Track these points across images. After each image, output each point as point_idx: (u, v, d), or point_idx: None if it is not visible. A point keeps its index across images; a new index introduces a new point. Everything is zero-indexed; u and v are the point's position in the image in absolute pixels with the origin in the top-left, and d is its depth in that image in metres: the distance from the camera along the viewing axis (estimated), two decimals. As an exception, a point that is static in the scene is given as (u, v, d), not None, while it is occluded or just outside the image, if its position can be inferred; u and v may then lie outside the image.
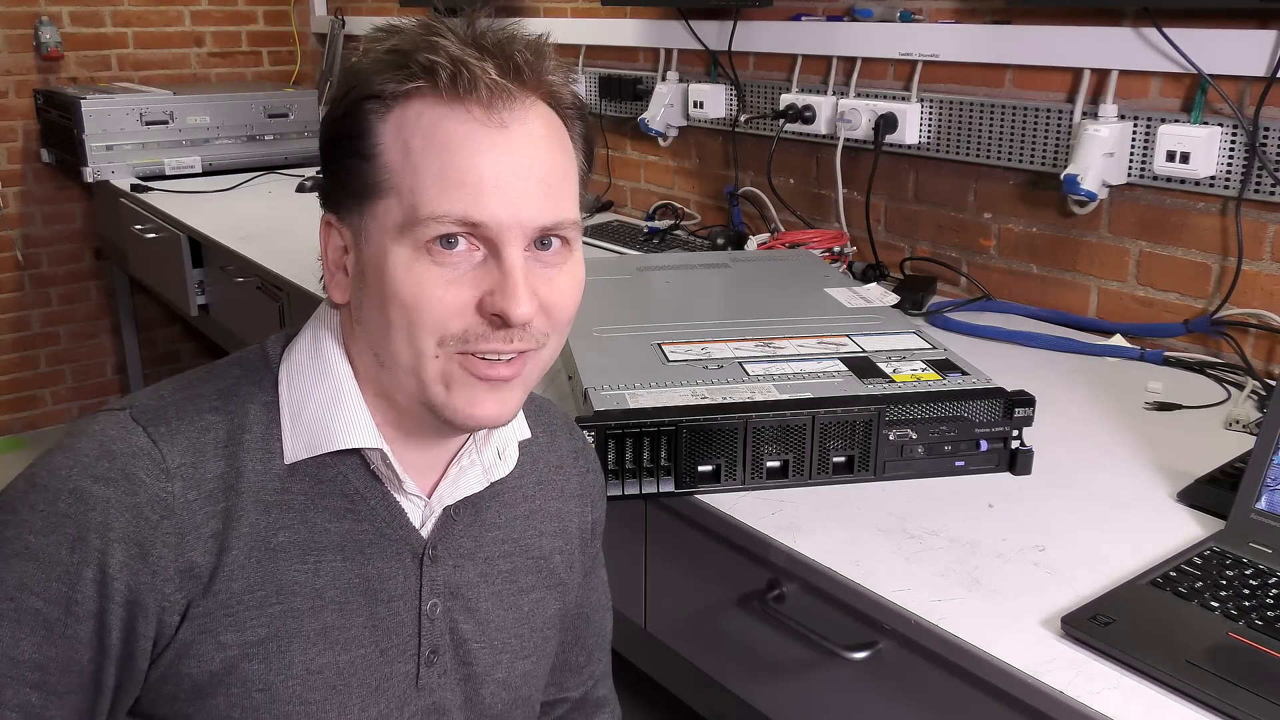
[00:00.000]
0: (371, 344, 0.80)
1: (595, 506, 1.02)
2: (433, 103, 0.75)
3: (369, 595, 0.82)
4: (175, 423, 0.78)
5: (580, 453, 1.01)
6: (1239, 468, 1.15)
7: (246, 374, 0.83)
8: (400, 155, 0.75)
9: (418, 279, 0.75)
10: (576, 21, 2.77)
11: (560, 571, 0.96)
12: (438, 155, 0.74)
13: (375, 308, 0.78)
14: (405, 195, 0.75)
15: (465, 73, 0.73)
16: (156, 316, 3.86)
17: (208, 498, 0.76)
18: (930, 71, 1.96)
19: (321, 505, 0.81)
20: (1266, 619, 0.92)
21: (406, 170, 0.75)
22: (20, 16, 3.42)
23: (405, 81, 0.75)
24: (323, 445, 0.80)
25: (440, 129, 0.74)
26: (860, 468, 1.21)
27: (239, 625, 0.77)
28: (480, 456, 0.88)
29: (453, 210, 0.74)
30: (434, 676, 0.86)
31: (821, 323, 1.49)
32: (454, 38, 0.75)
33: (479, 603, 0.89)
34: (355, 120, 0.77)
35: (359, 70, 0.77)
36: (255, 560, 0.78)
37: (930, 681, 0.99)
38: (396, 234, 0.75)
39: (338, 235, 0.81)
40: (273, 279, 2.24)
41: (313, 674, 0.79)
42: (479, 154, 0.74)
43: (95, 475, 0.74)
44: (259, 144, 3.32)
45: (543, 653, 0.95)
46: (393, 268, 0.75)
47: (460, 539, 0.88)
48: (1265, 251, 1.56)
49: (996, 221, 1.92)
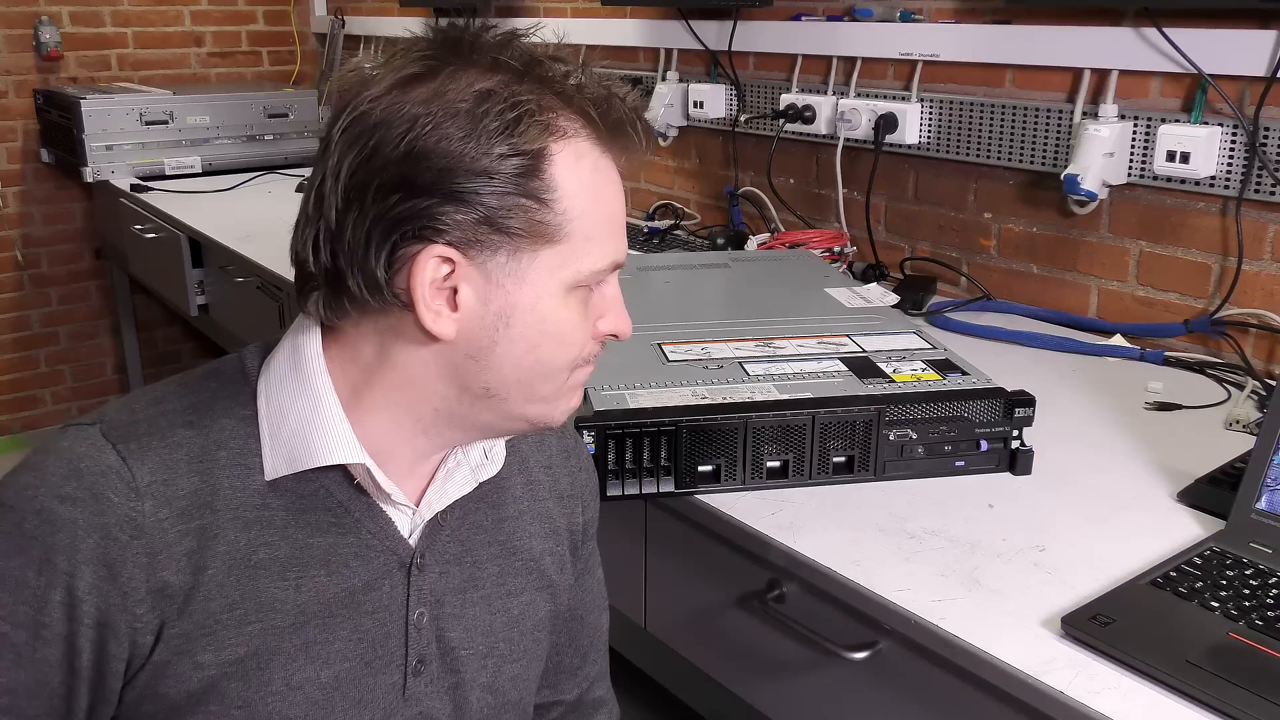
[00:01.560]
0: (497, 381, 0.79)
1: (587, 506, 1.01)
2: (589, 146, 0.77)
3: (353, 608, 0.81)
4: (146, 439, 0.76)
5: (571, 452, 1.00)
6: (1239, 468, 1.15)
7: (223, 387, 0.81)
8: (572, 203, 0.76)
9: (573, 318, 0.79)
10: (576, 21, 2.77)
11: (551, 573, 0.95)
12: (604, 207, 0.78)
13: (522, 348, 0.78)
14: (579, 248, 0.77)
15: (631, 124, 0.78)
16: (156, 316, 3.86)
17: (180, 515, 0.75)
18: (930, 71, 1.96)
19: (304, 520, 0.79)
20: (1266, 619, 0.92)
21: (581, 223, 0.77)
22: (20, 16, 3.42)
23: (577, 124, 0.76)
24: (303, 461, 0.78)
25: (602, 182, 0.78)
26: (860, 468, 1.21)
27: (217, 645, 0.76)
28: (466, 457, 0.87)
29: (618, 258, 0.80)
30: (421, 686, 0.85)
31: (821, 323, 1.49)
32: (589, 82, 0.77)
33: (466, 608, 0.88)
34: (528, 158, 0.74)
35: (527, 105, 0.74)
36: (235, 579, 0.76)
37: (930, 681, 0.99)
38: (566, 279, 0.77)
39: (443, 265, 0.75)
40: (273, 279, 2.24)
41: (293, 689, 0.79)
42: (621, 207, 0.81)
43: (62, 495, 0.72)
44: (259, 144, 3.32)
45: (533, 656, 0.94)
46: (553, 310, 0.78)
47: (447, 544, 0.87)
48: (1265, 251, 1.56)
49: (996, 221, 1.92)
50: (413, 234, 0.73)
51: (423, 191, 0.72)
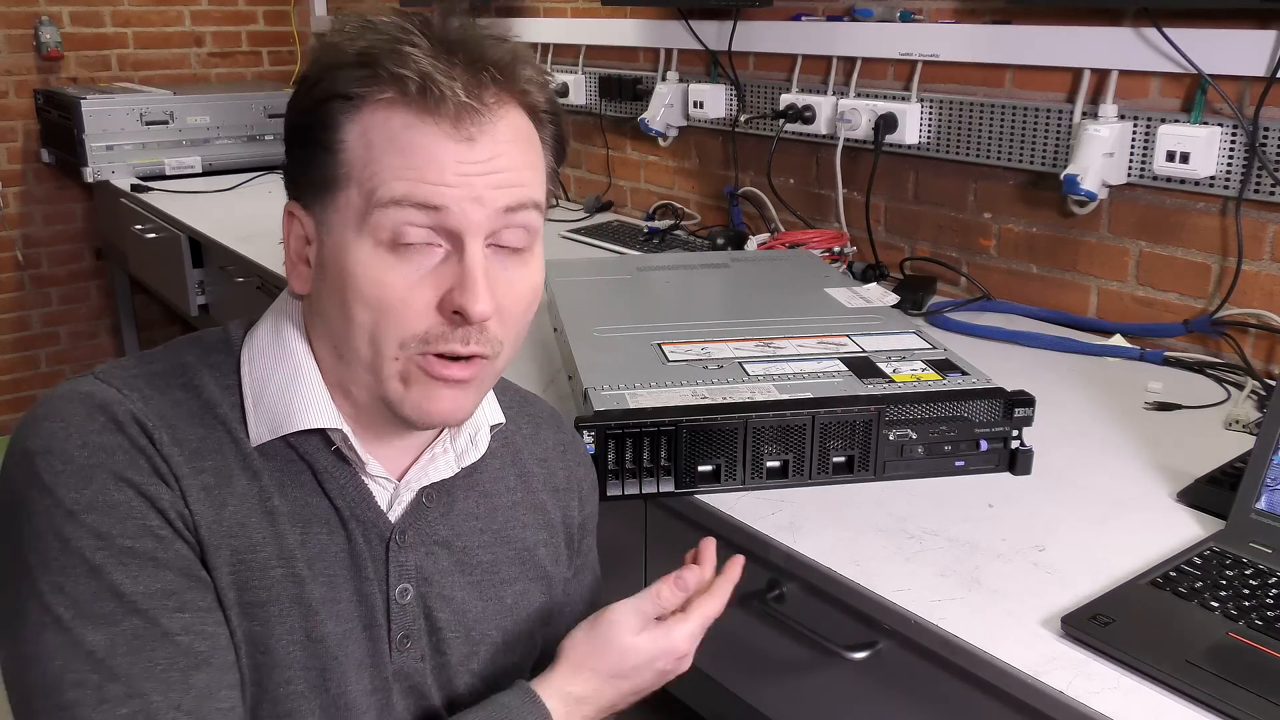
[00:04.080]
0: (331, 337, 0.80)
1: (585, 502, 1.01)
2: (400, 111, 0.75)
3: (354, 571, 0.83)
4: (147, 391, 0.79)
5: (569, 447, 1.01)
6: (1239, 468, 1.15)
7: (206, 354, 0.83)
8: (363, 150, 0.75)
9: (380, 277, 0.75)
10: (576, 21, 2.77)
11: (545, 564, 0.96)
12: (400, 153, 0.75)
13: (336, 303, 0.78)
14: (365, 184, 0.75)
15: (434, 90, 0.74)
16: (156, 316, 3.86)
17: (192, 455, 0.77)
18: (930, 71, 1.96)
19: (297, 481, 0.81)
20: (1266, 619, 0.92)
21: (368, 162, 0.75)
22: (20, 16, 3.42)
23: (374, 87, 0.75)
24: (284, 426, 0.80)
25: (405, 135, 0.75)
26: (860, 468, 1.21)
27: (240, 584, 0.77)
28: (453, 443, 0.88)
29: (413, 194, 0.74)
30: (407, 661, 0.86)
31: (821, 323, 1.49)
32: (425, 45, 0.75)
33: (455, 591, 0.88)
34: (321, 113, 0.77)
35: (327, 65, 0.77)
36: (255, 520, 0.78)
37: (930, 681, 0.99)
38: (357, 225, 0.76)
39: (299, 225, 0.81)
40: (273, 279, 2.24)
41: (314, 642, 0.80)
42: (444, 157, 0.75)
43: (95, 428, 0.75)
44: (259, 144, 3.32)
45: (527, 647, 0.95)
46: (354, 263, 0.76)
47: (435, 526, 0.88)
48: (1265, 251, 1.57)
49: (996, 221, 1.92)
50: (290, 194, 0.82)
51: (287, 153, 0.81)
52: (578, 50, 2.75)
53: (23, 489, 0.74)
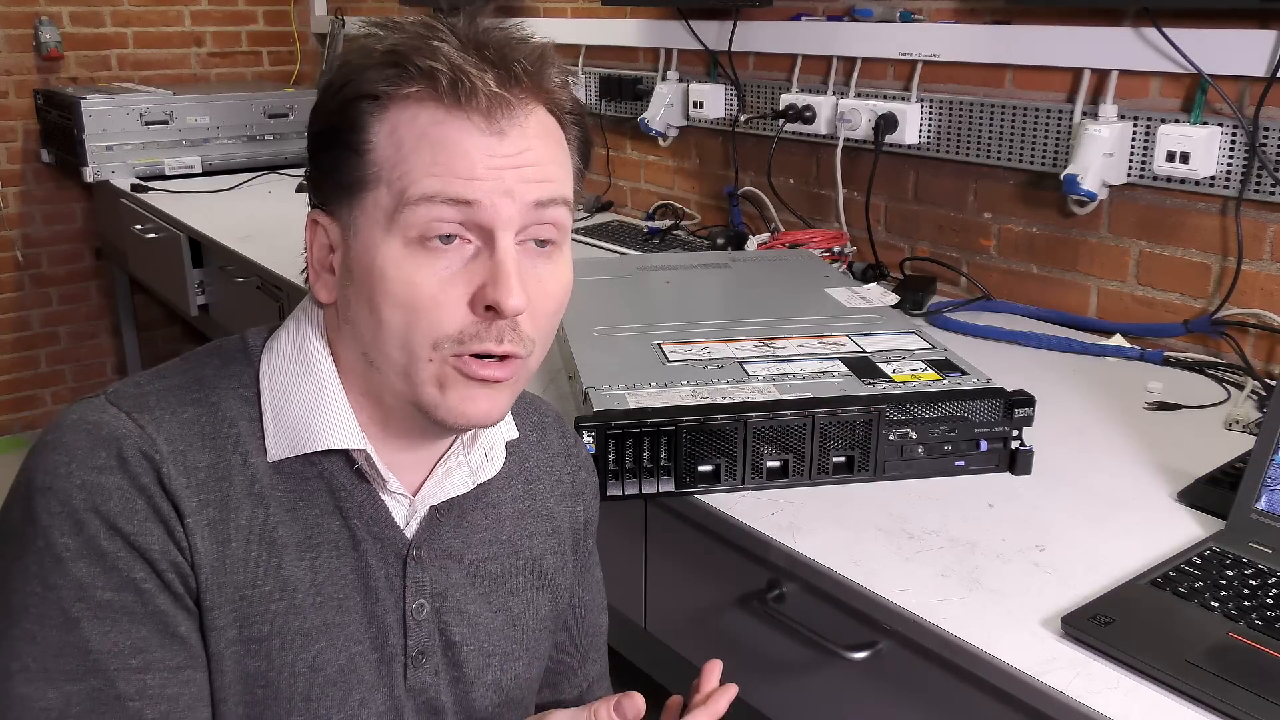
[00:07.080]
0: (361, 344, 0.79)
1: (588, 505, 1.01)
2: (431, 107, 0.74)
3: (364, 592, 0.82)
4: (159, 411, 0.77)
5: (572, 450, 1.00)
6: (1239, 468, 1.15)
7: (225, 365, 0.82)
8: (393, 150, 0.75)
9: (410, 277, 0.74)
10: (576, 21, 2.77)
11: (552, 572, 0.95)
12: (430, 148, 0.74)
13: (365, 307, 0.77)
14: (395, 183, 0.74)
15: (465, 81, 0.73)
16: (156, 316, 3.86)
17: (199, 486, 0.76)
18: (930, 71, 1.96)
19: (310, 502, 0.80)
20: (1266, 619, 0.92)
21: (398, 161, 0.74)
22: (20, 16, 3.42)
23: (403, 84, 0.74)
24: (306, 445, 0.79)
25: (434, 130, 0.74)
26: (860, 468, 1.21)
27: (242, 621, 0.77)
28: (467, 458, 0.87)
29: (445, 190, 0.73)
30: (423, 678, 0.85)
31: (821, 323, 1.49)
32: (454, 42, 0.74)
33: (467, 604, 0.88)
34: (348, 115, 0.76)
35: (355, 66, 0.76)
36: (256, 554, 0.77)
37: (930, 681, 0.99)
38: (386, 225, 0.75)
39: (324, 233, 0.80)
40: (273, 279, 2.24)
41: (315, 671, 0.79)
42: (474, 151, 0.74)
43: (96, 466, 0.73)
44: (259, 144, 3.32)
45: (535, 654, 0.95)
46: (384, 263, 0.75)
47: (448, 540, 0.87)
48: (1265, 251, 1.57)
49: (996, 221, 1.92)
50: (313, 202, 0.81)
51: (311, 159, 0.81)
52: (578, 50, 2.75)
53: (21, 524, 0.73)
